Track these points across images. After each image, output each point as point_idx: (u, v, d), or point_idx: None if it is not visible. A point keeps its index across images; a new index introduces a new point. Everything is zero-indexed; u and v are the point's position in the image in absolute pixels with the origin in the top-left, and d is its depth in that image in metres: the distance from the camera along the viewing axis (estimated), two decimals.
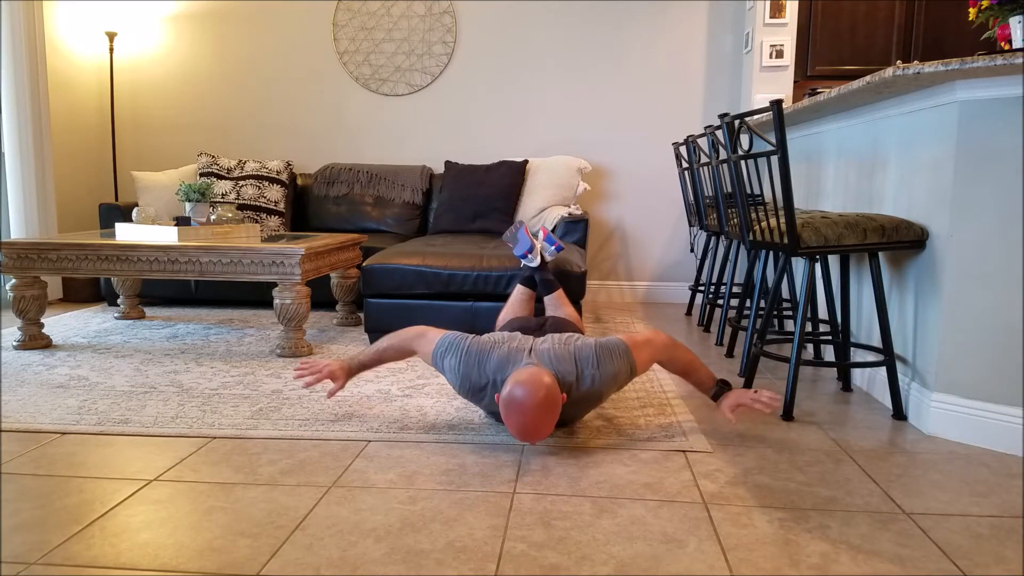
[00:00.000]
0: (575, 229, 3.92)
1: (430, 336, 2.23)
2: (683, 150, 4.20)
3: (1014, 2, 2.19)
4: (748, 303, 3.55)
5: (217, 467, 1.95)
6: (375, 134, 4.78)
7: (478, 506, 1.73)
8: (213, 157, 4.45)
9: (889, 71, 2.07)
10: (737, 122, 2.50)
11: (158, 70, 4.83)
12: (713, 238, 4.15)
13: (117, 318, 3.86)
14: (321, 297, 4.07)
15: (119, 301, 3.91)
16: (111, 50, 4.67)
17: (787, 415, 2.38)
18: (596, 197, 4.69)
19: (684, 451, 2.09)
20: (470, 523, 1.64)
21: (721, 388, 2.23)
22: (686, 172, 4.07)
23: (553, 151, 4.67)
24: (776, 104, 2.21)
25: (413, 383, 2.72)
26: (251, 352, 3.17)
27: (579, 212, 4.13)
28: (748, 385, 2.69)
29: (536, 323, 2.46)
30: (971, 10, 2.34)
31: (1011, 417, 2.09)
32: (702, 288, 4.20)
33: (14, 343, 3.20)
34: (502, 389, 1.98)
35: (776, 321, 3.53)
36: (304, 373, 2.32)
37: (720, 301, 3.85)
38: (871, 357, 2.68)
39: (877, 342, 2.64)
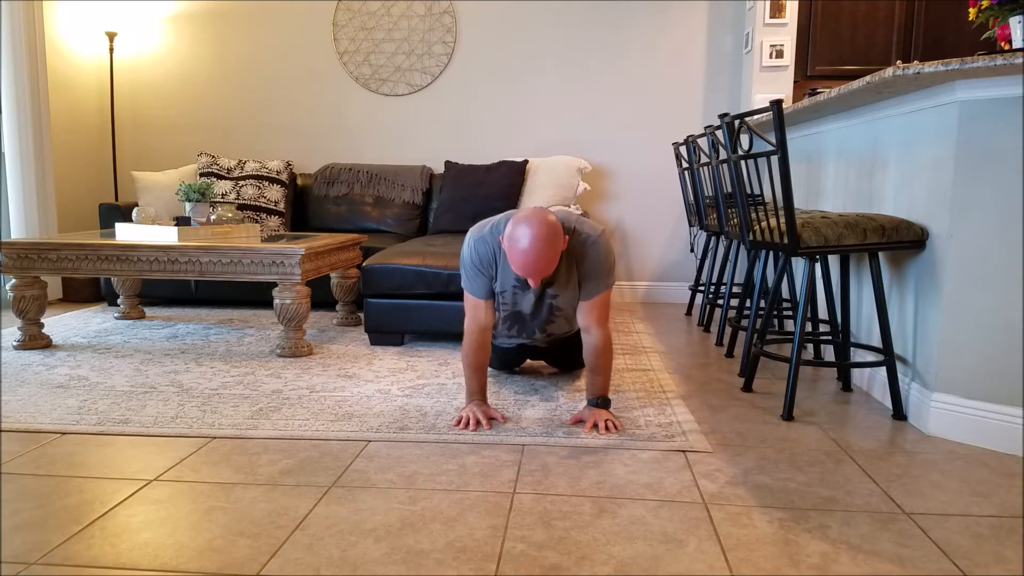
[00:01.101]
0: None
1: (466, 297, 2.34)
2: (683, 150, 4.20)
3: (1014, 2, 2.19)
4: (748, 303, 3.55)
5: (217, 467, 1.95)
6: (375, 134, 4.78)
7: (478, 506, 1.73)
8: (213, 157, 4.45)
9: (889, 71, 2.07)
10: (737, 122, 2.50)
11: (158, 70, 4.83)
12: (713, 238, 4.15)
13: (117, 318, 3.86)
14: (321, 297, 4.07)
15: (119, 301, 3.91)
16: (111, 50, 4.67)
17: (787, 415, 2.38)
18: (596, 197, 4.69)
19: (684, 451, 2.09)
20: (470, 523, 1.64)
21: (603, 401, 2.30)
22: (686, 172, 4.07)
23: (553, 151, 4.67)
24: (776, 104, 2.21)
25: (413, 383, 2.72)
26: (251, 352, 3.17)
27: (579, 212, 4.13)
28: (748, 385, 2.69)
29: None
30: (971, 10, 2.34)
31: (1011, 417, 2.09)
32: (702, 288, 4.20)
33: (14, 343, 3.20)
34: (507, 228, 2.02)
35: (776, 321, 3.53)
36: (470, 428, 2.27)
37: (720, 301, 3.85)
38: (871, 357, 2.68)
39: (877, 342, 2.64)
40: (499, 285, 2.31)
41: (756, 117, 3.30)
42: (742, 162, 3.52)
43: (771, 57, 4.16)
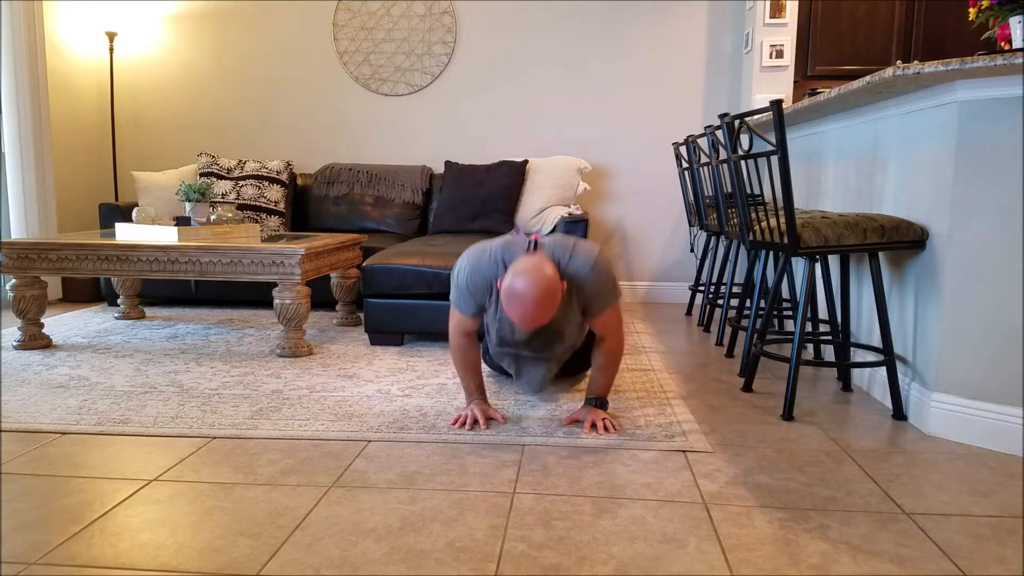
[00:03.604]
0: (575, 229, 3.92)
1: (452, 310, 2.29)
2: (683, 150, 4.20)
3: (1014, 2, 2.19)
4: (748, 303, 3.55)
5: (217, 467, 1.95)
6: (375, 134, 4.78)
7: (478, 506, 1.73)
8: (213, 157, 4.45)
9: (889, 71, 2.07)
10: (737, 122, 2.50)
11: (158, 70, 4.83)
12: (713, 238, 4.15)
13: (117, 318, 3.86)
14: (321, 297, 4.07)
15: (119, 301, 3.91)
16: (111, 50, 4.67)
17: (787, 415, 2.38)
18: (596, 197, 4.69)
19: (684, 451, 2.09)
20: (470, 523, 1.64)
21: (600, 402, 2.31)
22: (686, 172, 4.07)
23: (553, 151, 4.67)
24: (776, 104, 2.21)
25: (413, 383, 2.72)
26: (251, 352, 3.17)
27: (579, 212, 4.13)
28: (748, 385, 2.69)
29: None
30: (971, 10, 2.34)
31: (1011, 417, 2.09)
32: (702, 288, 4.20)
33: (14, 343, 3.20)
34: (504, 278, 2.00)
35: (776, 321, 3.53)
36: (467, 428, 2.27)
37: (720, 301, 3.85)
38: (871, 357, 2.68)
39: (877, 342, 2.64)
40: (493, 313, 2.23)
41: (756, 117, 3.31)
42: (742, 162, 3.52)
43: (771, 57, 4.16)
